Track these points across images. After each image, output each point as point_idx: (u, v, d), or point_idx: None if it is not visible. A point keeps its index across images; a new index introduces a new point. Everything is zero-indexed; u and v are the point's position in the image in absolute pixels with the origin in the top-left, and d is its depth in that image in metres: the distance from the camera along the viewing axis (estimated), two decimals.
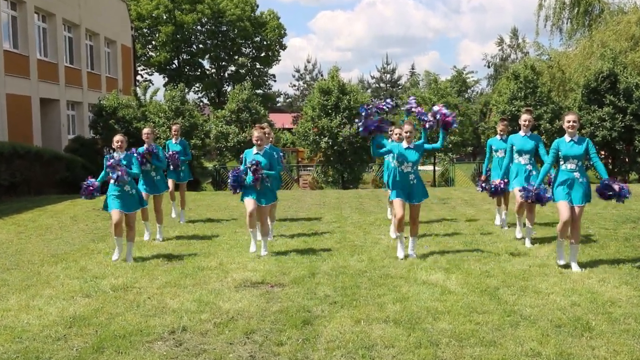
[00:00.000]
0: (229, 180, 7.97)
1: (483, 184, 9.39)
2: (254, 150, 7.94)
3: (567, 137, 6.93)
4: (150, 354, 4.58)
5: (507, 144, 8.67)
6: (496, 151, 9.43)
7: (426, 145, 7.74)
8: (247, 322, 5.23)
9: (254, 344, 4.77)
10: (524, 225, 8.56)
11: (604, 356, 4.40)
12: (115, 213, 7.73)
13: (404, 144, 7.66)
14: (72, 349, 4.72)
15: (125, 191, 7.81)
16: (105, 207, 7.91)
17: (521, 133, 8.47)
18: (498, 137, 9.45)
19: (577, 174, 6.88)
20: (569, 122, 6.90)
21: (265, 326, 5.14)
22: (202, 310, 5.57)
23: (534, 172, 8.32)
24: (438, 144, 7.82)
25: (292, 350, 4.61)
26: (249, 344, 4.78)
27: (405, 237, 7.91)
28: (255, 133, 7.89)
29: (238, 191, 7.94)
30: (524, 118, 8.44)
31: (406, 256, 7.65)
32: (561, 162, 6.95)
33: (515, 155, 8.48)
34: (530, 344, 4.63)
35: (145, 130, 9.48)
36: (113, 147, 8.04)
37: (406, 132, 7.63)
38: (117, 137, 8.06)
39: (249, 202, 7.90)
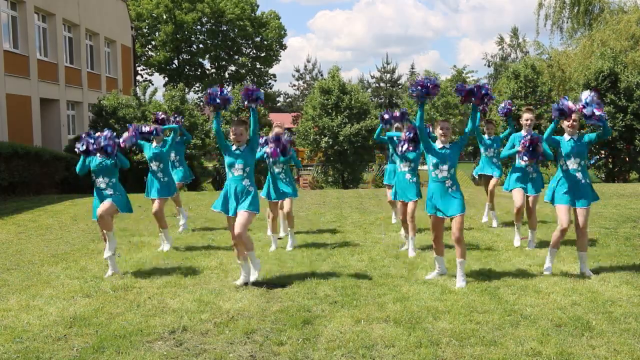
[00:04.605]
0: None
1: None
2: (234, 146, 6.44)
3: (566, 136, 6.67)
4: (150, 354, 4.58)
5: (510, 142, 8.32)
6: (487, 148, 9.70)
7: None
8: (248, 322, 5.23)
9: (255, 344, 4.77)
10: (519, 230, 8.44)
11: (605, 355, 4.40)
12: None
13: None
14: (72, 349, 4.72)
15: (108, 195, 7.05)
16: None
17: (523, 132, 8.16)
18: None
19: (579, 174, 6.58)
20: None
21: (265, 326, 5.14)
22: (202, 310, 5.57)
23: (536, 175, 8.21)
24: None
25: (293, 350, 4.61)
26: (249, 344, 4.78)
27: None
28: (233, 127, 6.43)
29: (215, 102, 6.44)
30: (526, 117, 8.18)
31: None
32: (561, 162, 6.65)
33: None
34: (531, 343, 4.63)
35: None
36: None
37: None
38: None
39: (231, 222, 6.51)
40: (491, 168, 9.82)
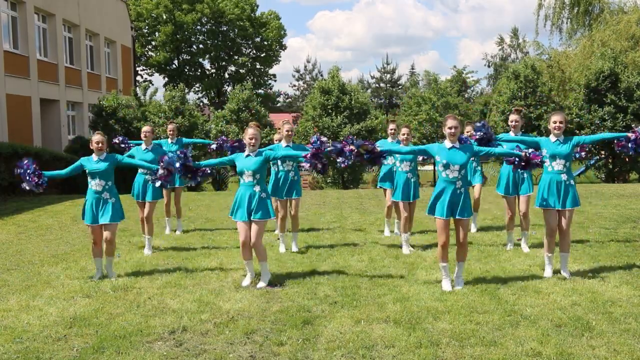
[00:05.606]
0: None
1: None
2: (245, 152, 6.58)
3: (552, 138, 6.57)
4: (150, 354, 4.58)
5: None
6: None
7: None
8: (248, 322, 5.23)
9: (254, 344, 4.77)
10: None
11: (605, 356, 4.40)
12: (93, 229, 6.94)
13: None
14: (72, 349, 4.72)
15: (103, 199, 6.93)
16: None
17: (511, 134, 7.89)
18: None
19: (564, 176, 6.51)
20: (555, 122, 6.53)
21: (265, 326, 5.15)
22: (202, 310, 5.57)
23: (526, 176, 8.10)
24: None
25: (293, 350, 4.61)
26: (249, 344, 4.78)
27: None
28: (250, 130, 6.52)
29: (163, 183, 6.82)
30: (512, 118, 7.92)
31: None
32: (546, 163, 6.57)
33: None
34: (531, 343, 4.63)
35: (145, 129, 8.93)
36: (92, 147, 6.96)
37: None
38: (97, 138, 6.97)
39: (241, 228, 6.53)
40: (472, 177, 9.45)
